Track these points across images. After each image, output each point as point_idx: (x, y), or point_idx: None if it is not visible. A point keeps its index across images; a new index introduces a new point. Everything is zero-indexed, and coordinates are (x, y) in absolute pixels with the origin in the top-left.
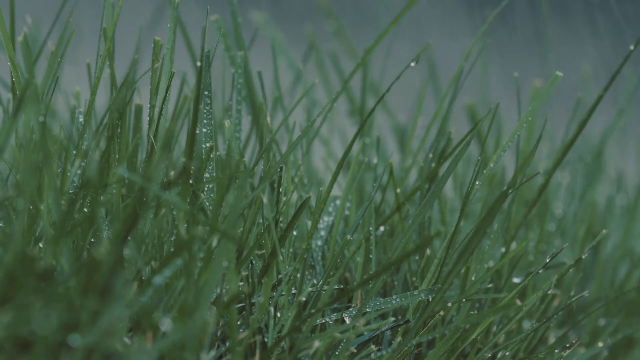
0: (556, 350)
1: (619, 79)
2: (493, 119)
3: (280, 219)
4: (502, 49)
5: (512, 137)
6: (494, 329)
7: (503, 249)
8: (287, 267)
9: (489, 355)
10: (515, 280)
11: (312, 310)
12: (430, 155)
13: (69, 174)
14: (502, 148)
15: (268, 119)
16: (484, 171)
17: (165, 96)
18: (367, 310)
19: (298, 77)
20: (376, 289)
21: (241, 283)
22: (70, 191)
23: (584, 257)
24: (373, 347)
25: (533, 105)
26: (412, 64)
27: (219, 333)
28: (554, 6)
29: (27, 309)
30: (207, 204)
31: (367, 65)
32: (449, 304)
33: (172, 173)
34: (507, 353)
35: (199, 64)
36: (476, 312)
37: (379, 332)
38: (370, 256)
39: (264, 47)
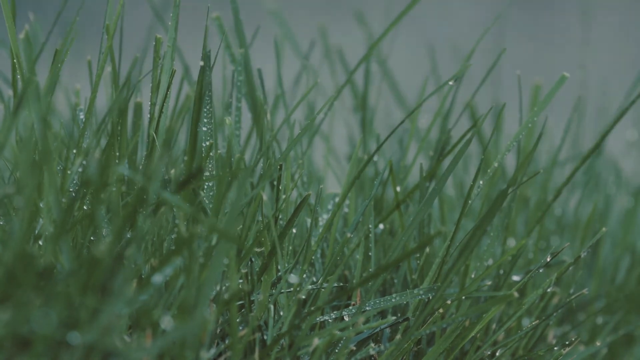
0: (555, 348)
1: (619, 77)
2: (498, 121)
3: (280, 217)
4: (504, 46)
5: (516, 137)
6: (494, 326)
7: (503, 247)
8: (286, 265)
9: (488, 352)
10: (515, 278)
11: (312, 308)
12: (431, 153)
13: (69, 172)
14: (506, 148)
15: (268, 116)
16: (488, 170)
17: (166, 94)
18: (367, 308)
19: (303, 72)
20: (376, 287)
21: (240, 281)
22: (71, 189)
23: (583, 255)
24: (372, 345)
25: (538, 106)
26: (451, 83)
27: (218, 331)
28: (556, 4)
29: (27, 307)
30: (207, 202)
31: (369, 62)
32: (449, 302)
33: (172, 171)
34: (506, 351)
35: (200, 62)
36: None
37: (378, 329)
38: (370, 254)
39: (268, 43)
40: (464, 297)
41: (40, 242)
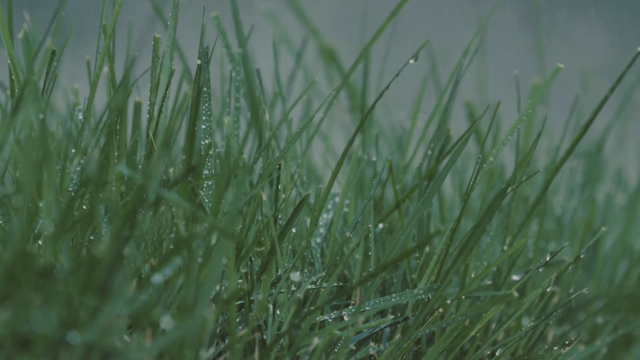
0: (555, 348)
1: (617, 75)
2: (494, 118)
3: (280, 216)
4: (504, 44)
5: (511, 131)
6: (493, 326)
7: (503, 247)
8: (286, 264)
9: (488, 352)
10: (515, 277)
11: (311, 308)
12: (430, 152)
13: (68, 171)
14: (501, 141)
15: (267, 115)
16: (484, 165)
17: (165, 93)
18: (367, 308)
19: (300, 73)
20: (375, 287)
21: (240, 280)
22: (70, 189)
23: (582, 255)
24: (372, 344)
25: (533, 98)
26: (412, 61)
27: (218, 330)
28: (557, 2)
29: (27, 307)
30: (207, 201)
31: (367, 61)
32: (448, 301)
33: (171, 170)
34: (506, 350)
35: (198, 61)
36: None
37: (378, 329)
38: (370, 253)
39: (266, 41)
40: (463, 297)
41: (40, 242)
